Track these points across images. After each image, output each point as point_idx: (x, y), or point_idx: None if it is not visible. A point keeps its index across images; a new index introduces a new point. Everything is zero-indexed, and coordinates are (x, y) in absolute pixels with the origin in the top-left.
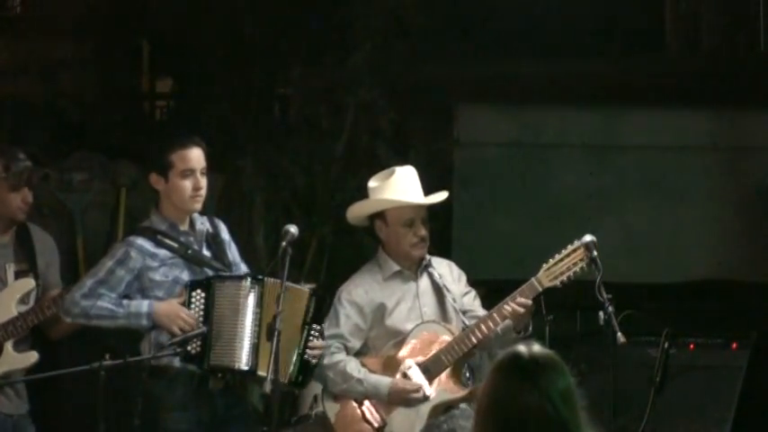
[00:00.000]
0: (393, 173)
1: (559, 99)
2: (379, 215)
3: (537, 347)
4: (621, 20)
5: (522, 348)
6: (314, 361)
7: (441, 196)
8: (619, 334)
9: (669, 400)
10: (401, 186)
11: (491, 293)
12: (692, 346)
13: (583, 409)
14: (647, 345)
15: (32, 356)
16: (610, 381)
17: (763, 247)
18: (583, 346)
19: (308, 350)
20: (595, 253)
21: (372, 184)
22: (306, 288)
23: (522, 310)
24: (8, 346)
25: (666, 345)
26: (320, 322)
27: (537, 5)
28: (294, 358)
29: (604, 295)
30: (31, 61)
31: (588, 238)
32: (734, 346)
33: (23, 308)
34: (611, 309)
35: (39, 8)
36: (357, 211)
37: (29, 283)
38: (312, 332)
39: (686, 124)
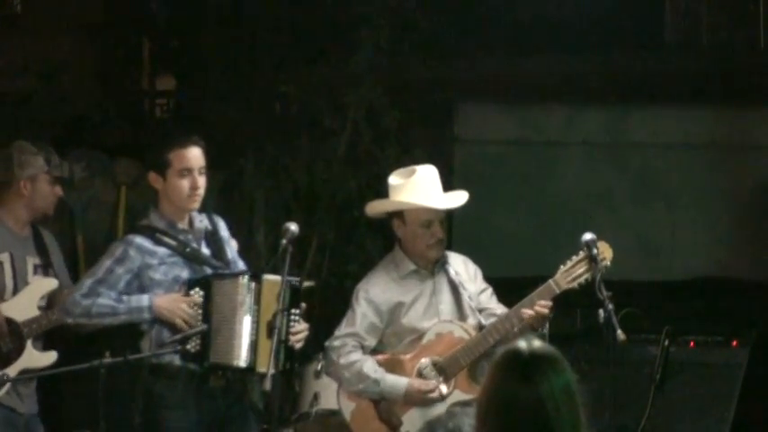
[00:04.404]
0: (414, 172)
1: (560, 97)
2: (398, 214)
3: (537, 343)
4: (622, 18)
5: (522, 344)
6: (297, 346)
7: (461, 199)
8: (619, 332)
9: (669, 398)
10: (422, 187)
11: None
12: (692, 343)
13: (583, 406)
14: (648, 343)
15: (52, 356)
16: (610, 379)
17: (762, 245)
18: (583, 344)
19: (290, 336)
20: (595, 251)
21: (393, 181)
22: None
23: (545, 311)
24: (29, 344)
25: (666, 342)
26: (297, 307)
27: (537, 4)
28: (278, 346)
29: (604, 293)
30: (31, 61)
31: (588, 236)
32: (734, 343)
33: (42, 303)
34: (610, 306)
35: (39, 8)
36: (376, 208)
37: (52, 282)
38: (292, 317)
39: (686, 122)
